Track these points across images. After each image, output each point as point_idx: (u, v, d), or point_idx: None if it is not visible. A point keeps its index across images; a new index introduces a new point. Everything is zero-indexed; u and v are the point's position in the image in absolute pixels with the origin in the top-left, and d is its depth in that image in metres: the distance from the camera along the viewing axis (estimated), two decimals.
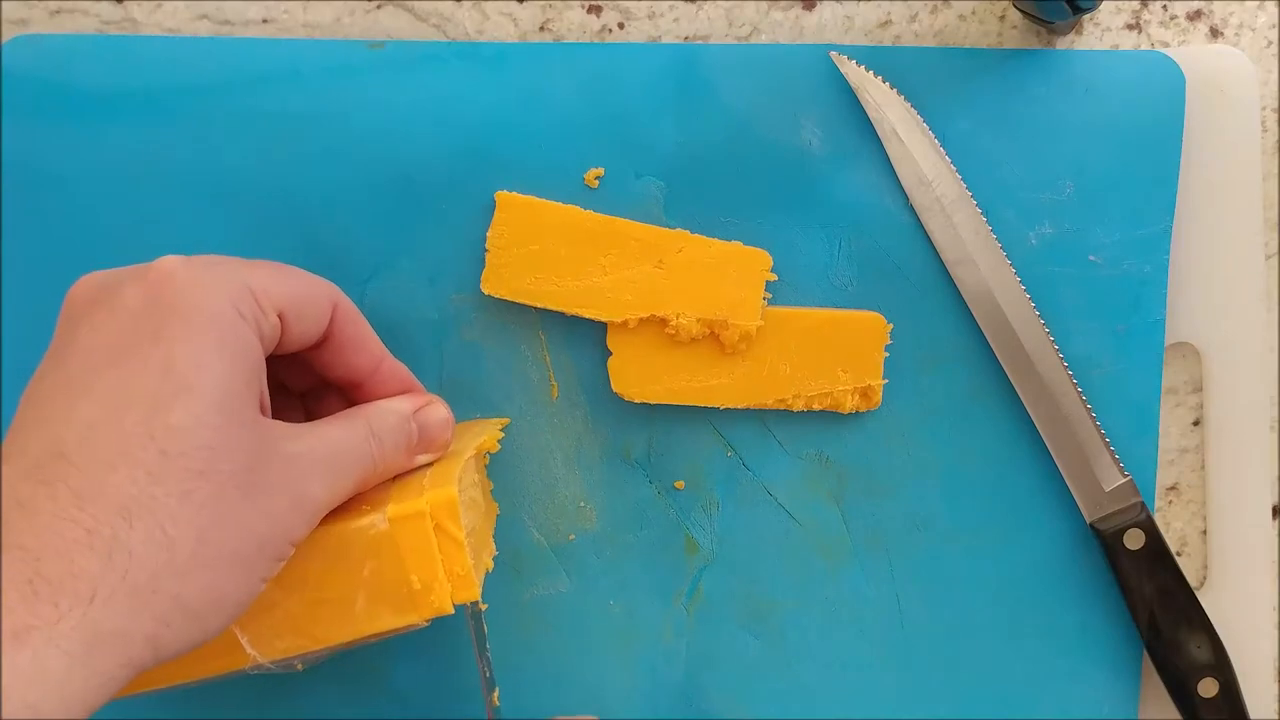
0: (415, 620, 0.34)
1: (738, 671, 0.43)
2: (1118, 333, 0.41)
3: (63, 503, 0.26)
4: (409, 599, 0.33)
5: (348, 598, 0.33)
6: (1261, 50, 0.43)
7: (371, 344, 0.36)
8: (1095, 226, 0.41)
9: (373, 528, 0.33)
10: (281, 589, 0.33)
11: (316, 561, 0.33)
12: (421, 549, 0.33)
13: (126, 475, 0.27)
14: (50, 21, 0.43)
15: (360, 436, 0.33)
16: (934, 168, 0.41)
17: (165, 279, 0.30)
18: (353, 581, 0.33)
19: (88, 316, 0.30)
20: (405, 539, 0.33)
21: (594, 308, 0.40)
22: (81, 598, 0.26)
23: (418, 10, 0.43)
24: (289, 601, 0.33)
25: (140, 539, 0.27)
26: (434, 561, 0.33)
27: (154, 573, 0.27)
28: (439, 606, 0.33)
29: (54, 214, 0.41)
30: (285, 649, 0.33)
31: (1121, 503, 0.41)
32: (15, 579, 0.25)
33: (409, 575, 0.33)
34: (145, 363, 0.28)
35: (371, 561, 0.33)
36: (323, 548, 0.33)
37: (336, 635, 0.33)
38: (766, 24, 0.43)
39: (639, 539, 0.43)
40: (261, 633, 0.33)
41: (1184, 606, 0.40)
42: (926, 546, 0.42)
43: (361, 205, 0.41)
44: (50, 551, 0.26)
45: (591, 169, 0.41)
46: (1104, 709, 0.42)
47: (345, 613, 0.33)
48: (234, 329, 0.30)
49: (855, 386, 0.41)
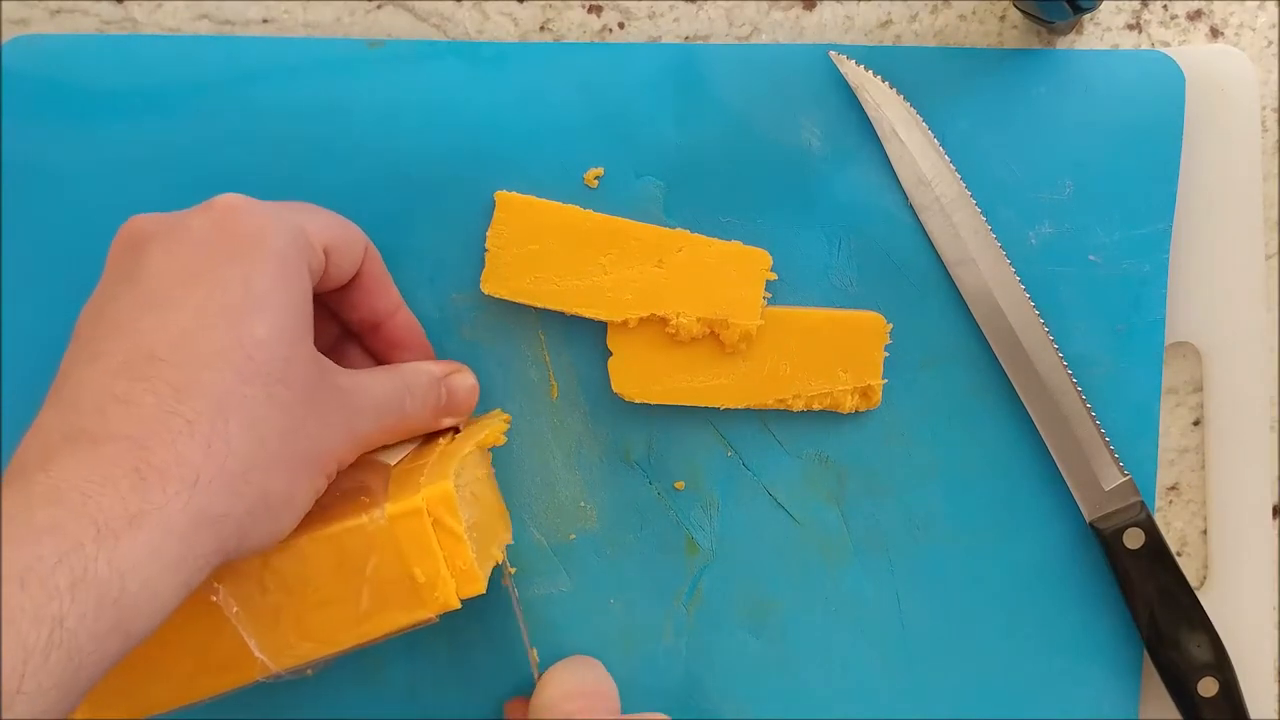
0: (422, 616, 0.33)
1: (738, 671, 0.43)
2: (1117, 332, 0.41)
3: (164, 396, 0.28)
4: (414, 595, 0.33)
5: (352, 598, 0.33)
6: (1261, 50, 0.43)
7: (392, 288, 0.40)
8: (1095, 226, 0.41)
9: (372, 524, 0.33)
10: (287, 594, 0.33)
11: (318, 562, 0.33)
12: (421, 544, 0.33)
13: (220, 375, 0.29)
14: (50, 21, 0.43)
15: (396, 386, 0.36)
16: (933, 167, 0.41)
17: (231, 211, 0.32)
18: (356, 581, 0.33)
19: (156, 242, 0.32)
20: (405, 535, 0.33)
21: (594, 307, 0.40)
22: (186, 483, 0.28)
23: (418, 10, 0.43)
24: (296, 606, 0.33)
25: (236, 431, 0.29)
26: (435, 556, 0.33)
27: (247, 464, 0.29)
28: (445, 601, 0.33)
29: (54, 213, 0.41)
30: (297, 656, 0.33)
31: (1121, 502, 0.41)
32: (124, 467, 0.27)
33: (411, 571, 0.33)
34: (226, 282, 0.31)
35: (373, 559, 0.33)
36: (324, 548, 0.33)
37: (345, 637, 0.33)
38: (767, 24, 0.43)
39: (639, 539, 0.43)
40: (272, 641, 0.33)
41: (1184, 606, 0.40)
42: (926, 546, 0.42)
43: (361, 204, 0.41)
44: (156, 440, 0.28)
45: (591, 169, 0.41)
46: (1104, 708, 0.42)
47: (351, 613, 0.33)
48: (294, 261, 0.33)
49: (855, 386, 0.41)
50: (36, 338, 0.41)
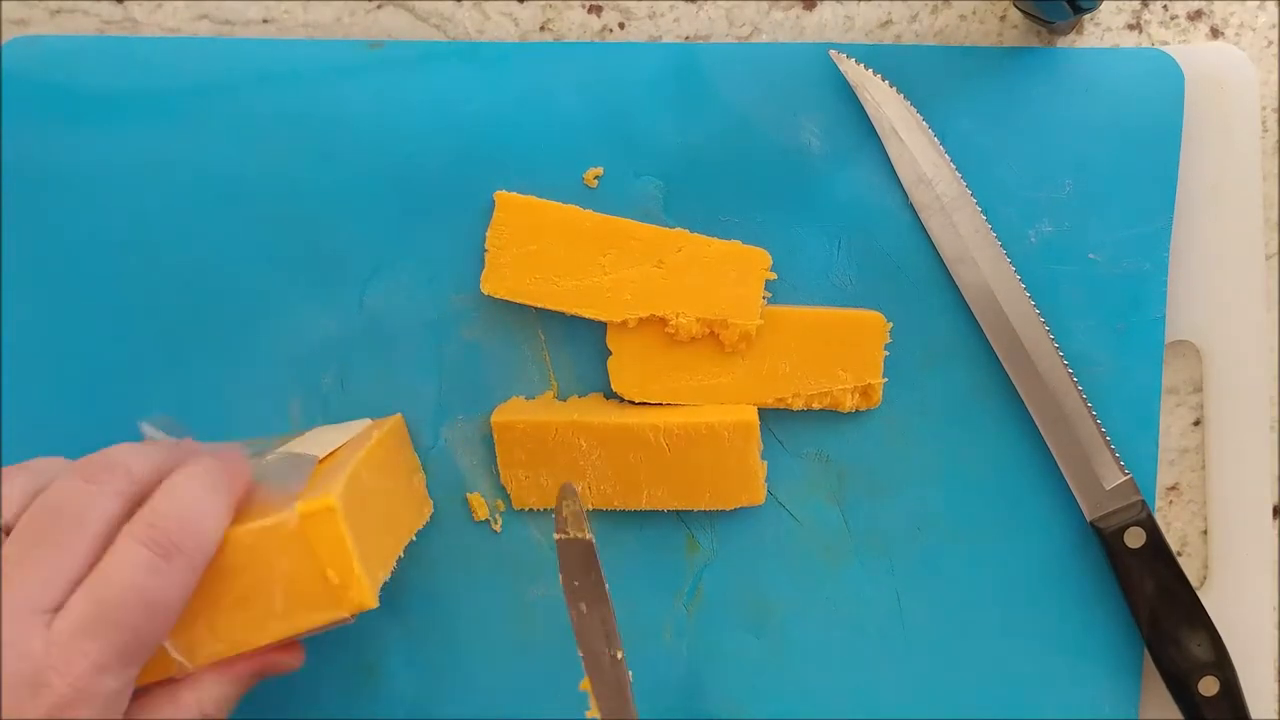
0: (336, 616, 0.33)
1: (738, 671, 0.43)
2: (1118, 330, 0.41)
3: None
4: (327, 595, 0.33)
5: (266, 599, 0.33)
6: (1262, 50, 0.43)
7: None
8: (1095, 224, 0.41)
9: (282, 526, 0.33)
10: (201, 597, 0.32)
11: (231, 564, 0.33)
12: (333, 543, 0.33)
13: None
14: (50, 21, 0.43)
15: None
16: (933, 166, 0.41)
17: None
18: (268, 582, 0.33)
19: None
20: (315, 535, 0.33)
21: (594, 307, 0.40)
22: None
23: (418, 10, 0.43)
24: (209, 609, 0.33)
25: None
26: (348, 555, 0.33)
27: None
28: (359, 601, 0.33)
29: (53, 214, 0.41)
30: (211, 654, 0.33)
31: (1122, 501, 0.41)
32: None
33: (324, 571, 0.33)
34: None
35: (284, 560, 0.33)
36: (235, 550, 0.33)
37: (260, 637, 0.33)
38: (767, 24, 0.43)
39: (640, 539, 0.43)
40: (187, 641, 0.33)
41: (1185, 605, 0.40)
42: (926, 545, 0.42)
43: (361, 205, 0.41)
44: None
45: (591, 168, 0.41)
46: (1104, 708, 0.42)
47: (266, 614, 0.33)
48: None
49: (855, 385, 0.41)
50: (36, 338, 0.41)
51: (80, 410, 0.41)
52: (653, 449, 0.40)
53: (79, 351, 0.41)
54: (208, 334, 0.42)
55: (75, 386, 0.41)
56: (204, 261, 0.41)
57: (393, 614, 0.42)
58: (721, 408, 0.41)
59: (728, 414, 0.40)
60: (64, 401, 0.41)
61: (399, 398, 0.42)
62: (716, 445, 0.40)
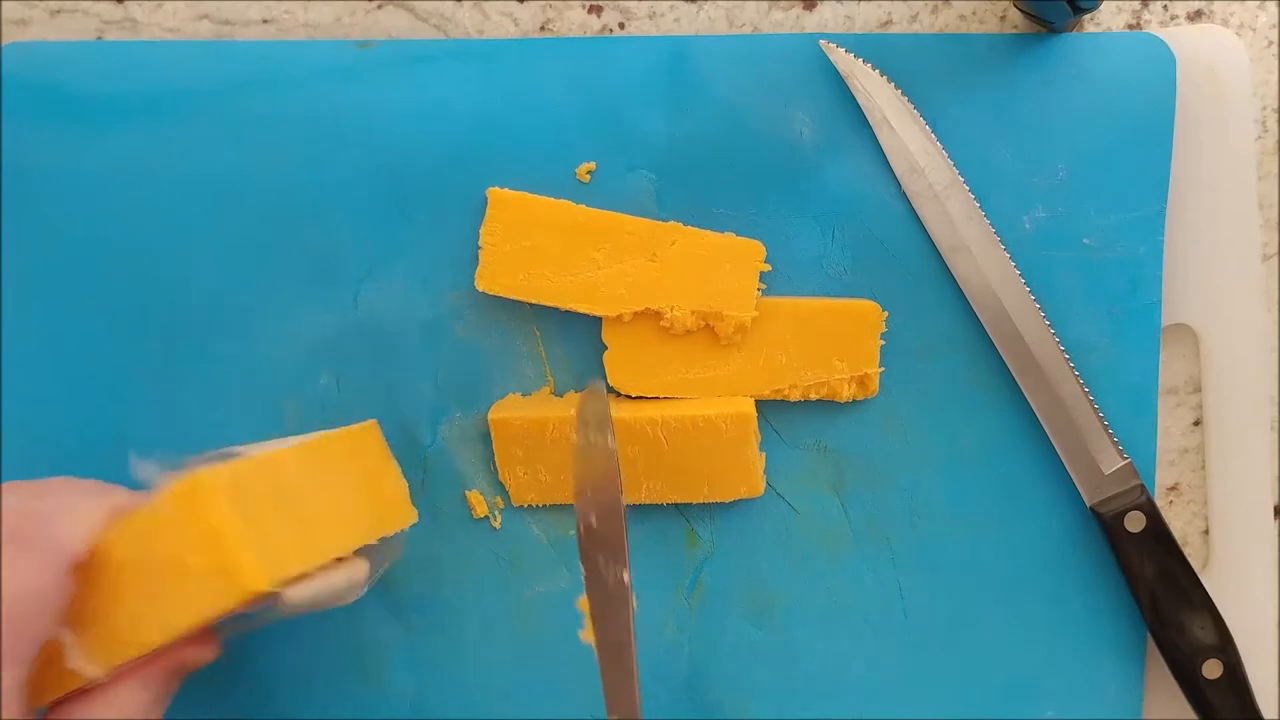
0: (233, 601, 0.31)
1: (740, 663, 0.43)
2: (1113, 315, 0.41)
3: None
4: (219, 580, 0.31)
5: (159, 590, 0.32)
6: (1262, 50, 0.43)
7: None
8: (1089, 209, 0.41)
9: (159, 508, 0.31)
10: (99, 598, 0.32)
11: (120, 559, 0.32)
12: (212, 522, 0.31)
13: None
14: (50, 21, 0.43)
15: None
16: (926, 155, 0.41)
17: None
18: (158, 571, 0.32)
19: None
20: (191, 515, 0.31)
21: (588, 302, 0.40)
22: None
23: (418, 10, 0.43)
24: (109, 611, 0.32)
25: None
26: (226, 535, 0.31)
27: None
28: (250, 585, 0.31)
29: (52, 217, 0.41)
30: (121, 659, 0.32)
31: (1121, 485, 0.40)
32: None
33: (205, 551, 0.31)
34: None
35: (166, 544, 0.31)
36: (123, 543, 0.32)
37: (164, 634, 0.32)
38: (767, 24, 0.43)
39: (639, 533, 0.43)
40: (95, 648, 0.32)
41: (1186, 588, 0.40)
42: (926, 534, 0.42)
43: (353, 204, 0.41)
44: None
45: (583, 163, 0.41)
46: (1108, 693, 0.42)
47: (163, 606, 0.32)
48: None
49: (852, 375, 0.41)
50: (36, 340, 0.42)
51: (75, 409, 0.42)
52: (650, 443, 0.40)
53: (76, 352, 0.42)
54: (203, 335, 0.42)
55: (71, 386, 0.42)
56: (198, 262, 0.42)
57: (392, 613, 0.42)
58: (718, 400, 0.41)
59: (725, 406, 0.40)
60: (59, 400, 0.42)
61: (395, 397, 0.42)
62: (714, 438, 0.40)
